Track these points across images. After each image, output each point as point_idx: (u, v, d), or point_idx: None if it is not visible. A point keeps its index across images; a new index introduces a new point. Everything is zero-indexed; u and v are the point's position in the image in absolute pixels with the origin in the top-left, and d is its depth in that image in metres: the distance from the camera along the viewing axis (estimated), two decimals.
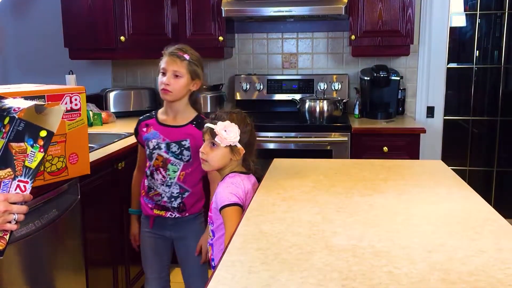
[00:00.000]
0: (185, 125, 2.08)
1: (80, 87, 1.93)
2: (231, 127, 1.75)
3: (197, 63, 2.06)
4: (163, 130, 2.09)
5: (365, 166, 2.06)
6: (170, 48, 2.06)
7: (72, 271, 2.12)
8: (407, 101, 3.65)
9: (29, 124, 1.26)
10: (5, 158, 1.23)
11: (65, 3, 3.30)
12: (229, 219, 1.63)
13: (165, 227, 2.17)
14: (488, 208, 1.51)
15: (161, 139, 2.08)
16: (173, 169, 2.07)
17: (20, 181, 1.25)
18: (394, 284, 1.01)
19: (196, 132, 2.06)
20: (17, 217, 1.26)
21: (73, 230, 2.11)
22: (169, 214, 2.13)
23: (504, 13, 3.82)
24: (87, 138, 1.96)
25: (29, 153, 1.25)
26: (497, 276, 1.05)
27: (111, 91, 3.56)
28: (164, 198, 2.10)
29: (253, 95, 3.68)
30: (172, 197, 2.10)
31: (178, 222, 2.15)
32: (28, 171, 1.26)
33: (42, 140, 1.27)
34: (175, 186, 2.09)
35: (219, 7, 3.31)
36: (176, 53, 2.03)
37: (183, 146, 2.07)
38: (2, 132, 1.24)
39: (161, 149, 2.08)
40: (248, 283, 1.03)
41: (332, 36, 3.69)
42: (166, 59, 2.04)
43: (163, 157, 2.07)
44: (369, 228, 1.34)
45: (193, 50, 2.09)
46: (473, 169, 4.03)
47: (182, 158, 2.07)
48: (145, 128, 2.13)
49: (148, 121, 2.14)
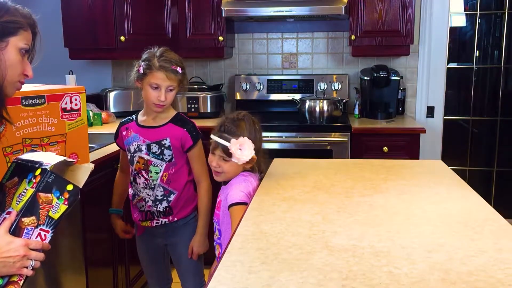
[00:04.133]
0: (165, 124, 2.05)
1: (80, 87, 1.93)
2: (245, 144, 1.71)
3: (184, 70, 2.01)
4: (143, 132, 2.05)
5: (365, 166, 2.06)
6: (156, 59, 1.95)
7: (72, 271, 2.12)
8: (407, 101, 3.65)
9: (58, 177, 1.31)
10: (32, 207, 1.28)
11: (65, 3, 3.30)
12: (236, 218, 1.61)
13: (155, 235, 2.13)
14: (488, 208, 1.51)
15: (141, 141, 2.04)
16: (155, 170, 2.03)
17: (41, 230, 1.30)
18: (394, 284, 1.01)
19: (176, 130, 2.03)
20: (34, 263, 1.29)
21: (73, 230, 2.11)
22: (155, 223, 2.08)
23: (504, 13, 3.82)
24: (87, 138, 1.97)
25: (54, 204, 1.31)
26: (497, 276, 1.05)
27: (111, 91, 3.56)
28: (148, 203, 2.06)
29: (253, 95, 3.68)
30: (157, 200, 2.05)
31: (168, 230, 2.11)
32: (51, 221, 1.31)
33: (68, 193, 1.32)
34: (158, 188, 2.04)
35: (219, 7, 3.31)
36: (169, 68, 1.95)
37: (164, 145, 2.02)
38: (32, 182, 1.30)
39: (141, 151, 2.03)
40: (248, 283, 1.03)
41: (332, 36, 3.69)
42: (159, 75, 1.94)
43: (144, 159, 2.03)
44: (369, 228, 1.34)
45: (176, 55, 2.02)
46: (473, 169, 4.03)
47: (163, 158, 2.03)
48: (125, 132, 2.09)
49: (128, 125, 2.09)
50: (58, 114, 1.83)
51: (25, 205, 1.28)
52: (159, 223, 2.08)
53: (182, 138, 2.03)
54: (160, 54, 1.98)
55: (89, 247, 2.23)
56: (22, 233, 1.28)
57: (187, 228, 2.13)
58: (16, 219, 1.27)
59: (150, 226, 2.10)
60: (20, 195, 1.30)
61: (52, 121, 1.81)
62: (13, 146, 1.70)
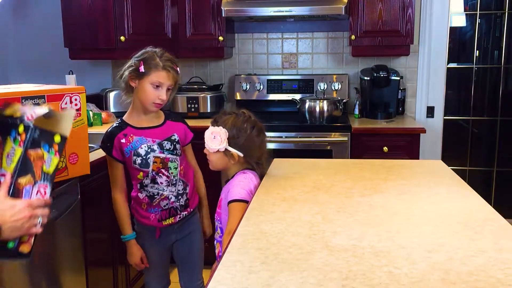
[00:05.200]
0: (164, 123, 2.09)
1: (80, 87, 1.93)
2: (218, 134, 1.74)
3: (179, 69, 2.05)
4: (147, 133, 2.03)
5: (365, 166, 2.06)
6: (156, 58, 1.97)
7: (72, 271, 2.12)
8: (407, 101, 3.65)
9: (43, 131, 1.29)
10: (25, 165, 1.27)
11: (65, 3, 3.30)
12: (234, 215, 1.62)
13: (171, 233, 2.14)
14: (488, 208, 1.51)
15: (151, 141, 2.02)
16: (174, 166, 2.06)
17: (40, 186, 1.29)
18: (394, 284, 1.01)
19: (177, 125, 2.11)
20: (41, 220, 1.29)
21: (73, 230, 2.11)
22: (178, 218, 2.11)
23: (504, 13, 3.82)
24: (87, 138, 1.96)
25: (46, 159, 1.29)
26: (497, 276, 1.05)
27: (111, 91, 3.56)
28: (171, 199, 2.07)
29: (253, 95, 3.68)
30: (179, 194, 2.10)
31: (184, 223, 2.15)
32: (46, 176, 1.30)
33: (57, 145, 1.30)
34: (179, 182, 2.09)
35: (219, 7, 3.31)
36: (171, 66, 1.98)
37: (174, 140, 2.07)
38: (18, 140, 1.27)
39: (155, 151, 2.02)
40: (248, 283, 1.03)
41: (332, 36, 3.69)
42: (162, 74, 1.96)
43: (161, 158, 2.03)
44: (369, 228, 1.34)
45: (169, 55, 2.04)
46: (473, 169, 4.03)
47: (177, 153, 2.08)
48: (123, 139, 2.01)
49: (124, 131, 2.02)
50: None
51: (17, 166, 1.26)
52: (181, 216, 2.12)
53: (185, 132, 2.13)
54: (161, 54, 2.01)
55: (89, 247, 2.23)
56: (21, 194, 1.27)
57: (196, 216, 2.22)
58: (12, 181, 1.26)
59: (173, 223, 2.12)
60: (9, 154, 1.28)
61: None
62: None
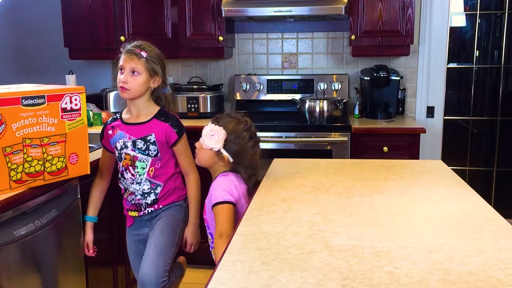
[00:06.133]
0: (149, 121, 2.08)
1: (80, 87, 1.93)
2: (216, 132, 1.76)
3: (155, 60, 2.04)
4: (128, 129, 2.09)
5: (365, 166, 2.06)
6: (127, 45, 2.05)
7: (72, 271, 2.12)
8: (407, 101, 3.65)
9: None
10: None
11: (65, 3, 3.30)
12: (220, 217, 1.64)
13: (142, 225, 2.18)
14: (488, 208, 1.51)
15: (127, 138, 2.08)
16: (142, 166, 2.07)
17: None
18: (394, 284, 1.01)
19: (160, 125, 2.07)
20: None
21: (73, 230, 2.11)
22: (142, 213, 2.14)
23: (504, 13, 3.82)
24: (87, 138, 1.96)
25: None
26: (497, 276, 1.05)
27: (111, 91, 3.56)
28: (137, 196, 2.12)
29: (253, 95, 3.68)
30: (144, 193, 2.11)
31: (153, 216, 2.16)
32: None
33: None
34: (145, 182, 2.09)
35: (219, 7, 3.31)
36: (133, 50, 2.02)
37: (149, 141, 2.06)
38: None
39: (127, 147, 2.08)
40: (248, 283, 1.03)
41: (332, 36, 3.69)
42: (123, 57, 2.03)
43: (130, 155, 2.07)
44: (369, 228, 1.34)
45: (153, 47, 2.08)
46: (473, 169, 4.03)
47: (149, 153, 2.07)
48: (110, 131, 2.12)
49: (113, 124, 2.13)
50: (58, 114, 1.83)
51: None
52: (146, 212, 2.14)
53: (166, 133, 2.07)
54: (133, 42, 2.06)
55: None
56: None
57: (168, 212, 2.16)
58: None
59: (137, 216, 2.15)
60: None
61: (52, 121, 1.81)
62: (13, 146, 1.70)
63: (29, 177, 1.77)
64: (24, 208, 1.78)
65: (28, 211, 1.82)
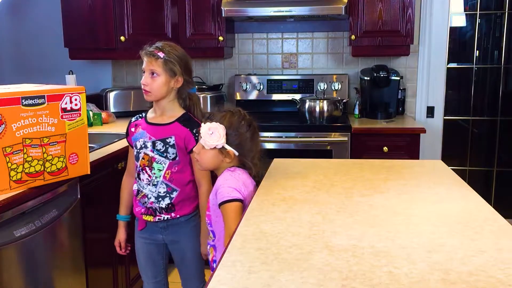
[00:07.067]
0: (171, 123, 2.06)
1: (80, 87, 1.93)
2: (216, 129, 1.69)
3: (173, 60, 2.02)
4: (150, 129, 2.07)
5: (365, 166, 2.06)
6: (148, 47, 2.05)
7: (72, 271, 2.12)
8: (407, 101, 3.65)
9: None
10: None
11: (65, 3, 3.30)
12: (229, 216, 1.59)
13: (156, 231, 2.13)
14: (488, 208, 1.51)
15: (148, 138, 2.06)
16: (158, 168, 2.04)
17: None
18: (394, 284, 1.01)
19: (181, 129, 2.04)
20: None
21: (73, 230, 2.11)
22: (157, 218, 2.09)
23: (504, 13, 3.82)
24: (87, 138, 1.96)
25: None
26: (497, 276, 1.05)
27: (111, 91, 3.56)
28: (151, 199, 2.06)
29: (253, 95, 3.68)
30: (159, 196, 2.06)
31: (169, 225, 2.11)
32: None
33: None
34: (161, 185, 2.05)
35: (219, 7, 3.31)
36: (151, 52, 2.02)
37: (168, 143, 2.03)
38: None
39: (147, 147, 2.05)
40: (248, 283, 1.03)
41: (332, 36, 3.69)
42: (144, 59, 2.04)
43: (149, 156, 2.05)
44: (369, 228, 1.34)
45: (174, 47, 2.05)
46: (473, 169, 4.03)
47: (167, 156, 2.04)
48: (133, 128, 2.11)
49: (137, 122, 2.12)
50: (58, 114, 1.83)
51: None
52: (161, 219, 2.09)
53: (185, 138, 2.04)
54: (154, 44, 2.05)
55: (89, 247, 2.23)
56: None
57: (188, 225, 2.12)
58: None
59: (152, 221, 2.10)
60: None
61: (52, 121, 1.81)
62: (13, 146, 1.70)
63: (29, 177, 1.77)
64: (24, 208, 1.78)
65: (28, 211, 1.82)
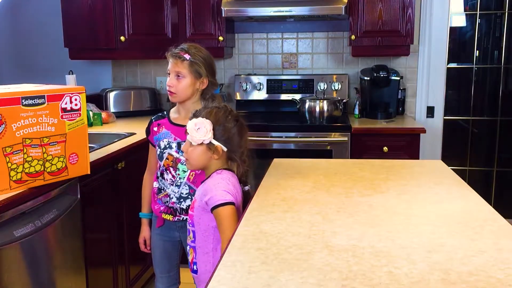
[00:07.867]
0: None
1: (80, 87, 1.93)
2: (202, 125, 1.68)
3: (199, 62, 2.03)
4: (175, 130, 2.07)
5: (365, 166, 2.06)
6: (173, 49, 2.06)
7: (72, 271, 2.12)
8: (407, 101, 3.65)
9: None
10: None
11: (65, 3, 3.30)
12: (225, 220, 1.57)
13: (173, 229, 2.14)
14: (488, 208, 1.51)
15: (173, 139, 2.06)
16: (183, 169, 2.04)
17: None
18: (394, 284, 1.01)
19: None
20: None
21: (73, 230, 2.11)
22: (177, 218, 2.10)
23: (504, 13, 3.82)
24: (87, 138, 1.96)
25: None
26: (497, 276, 1.05)
27: (111, 91, 3.56)
28: (172, 199, 2.07)
29: (253, 95, 3.68)
30: (181, 197, 2.07)
31: (186, 224, 2.11)
32: None
33: None
34: (184, 186, 2.06)
35: (219, 7, 3.31)
36: (177, 53, 2.03)
37: None
38: None
39: (171, 148, 2.06)
40: (248, 283, 1.03)
41: (332, 36, 3.69)
42: (170, 61, 2.05)
43: (174, 157, 2.05)
44: (369, 228, 1.34)
45: (200, 49, 2.07)
46: (473, 169, 4.03)
47: None
48: (156, 128, 2.12)
49: (160, 121, 2.12)
50: (58, 114, 1.83)
51: None
52: (181, 218, 2.10)
53: None
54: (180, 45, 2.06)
55: (89, 247, 2.23)
56: None
57: None
58: None
59: (171, 220, 2.11)
60: None
61: (52, 121, 1.81)
62: (13, 146, 1.70)
63: (29, 177, 1.77)
64: (24, 208, 1.78)
65: (28, 211, 1.82)
